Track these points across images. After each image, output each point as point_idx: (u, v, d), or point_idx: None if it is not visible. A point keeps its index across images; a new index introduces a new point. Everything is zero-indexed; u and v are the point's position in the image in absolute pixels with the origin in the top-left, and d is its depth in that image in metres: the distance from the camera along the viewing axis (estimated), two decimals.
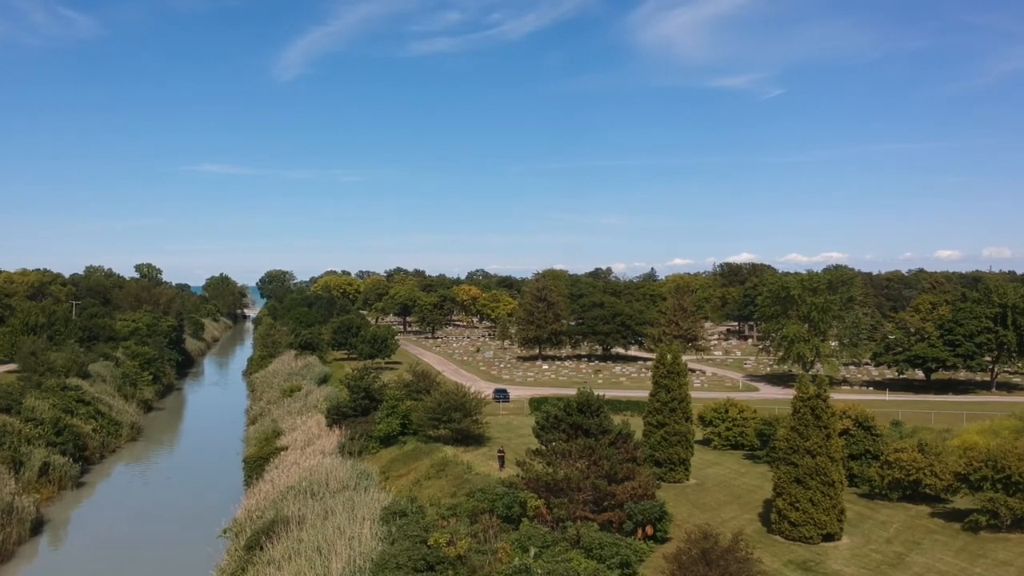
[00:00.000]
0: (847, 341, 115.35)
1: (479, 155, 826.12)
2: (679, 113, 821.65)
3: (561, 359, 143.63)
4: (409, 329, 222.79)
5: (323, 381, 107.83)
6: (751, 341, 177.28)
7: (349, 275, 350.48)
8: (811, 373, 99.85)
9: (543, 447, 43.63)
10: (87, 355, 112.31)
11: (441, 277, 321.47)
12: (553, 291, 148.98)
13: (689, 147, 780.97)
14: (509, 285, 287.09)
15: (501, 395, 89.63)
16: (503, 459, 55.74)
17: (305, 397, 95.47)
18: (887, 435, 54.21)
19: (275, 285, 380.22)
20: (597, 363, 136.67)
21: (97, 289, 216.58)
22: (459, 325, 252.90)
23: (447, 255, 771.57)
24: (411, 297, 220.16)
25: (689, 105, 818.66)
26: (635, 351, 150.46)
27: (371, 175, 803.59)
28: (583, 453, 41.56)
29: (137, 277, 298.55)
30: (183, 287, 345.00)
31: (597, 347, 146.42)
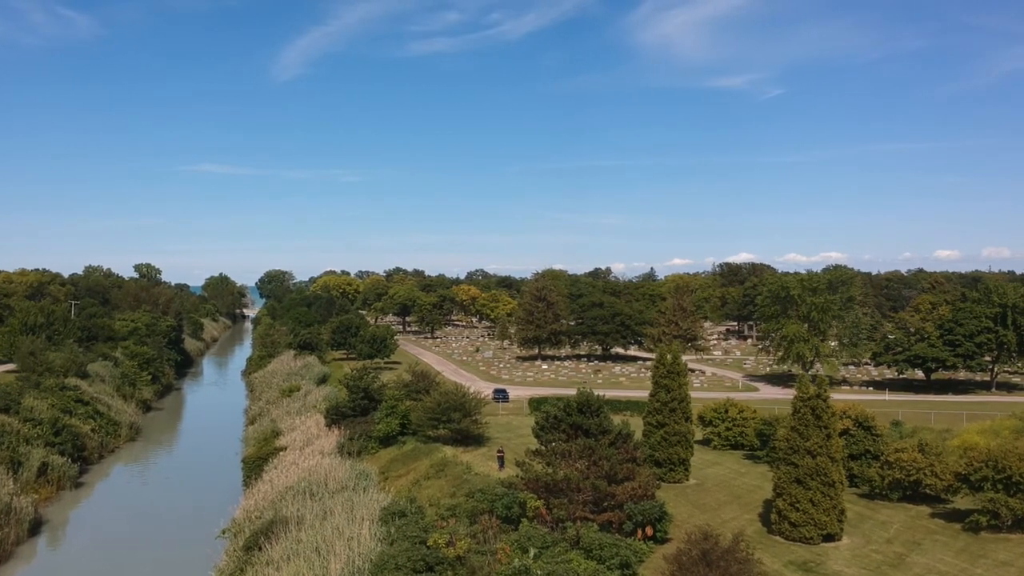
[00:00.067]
0: (847, 341, 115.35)
1: (479, 155, 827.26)
2: (678, 113, 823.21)
3: (560, 359, 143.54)
4: (408, 329, 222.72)
5: (322, 381, 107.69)
6: (751, 341, 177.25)
7: (348, 275, 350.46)
8: (811, 373, 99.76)
9: (543, 447, 43.52)
10: (86, 355, 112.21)
11: (440, 277, 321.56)
12: (553, 291, 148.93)
13: (688, 147, 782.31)
14: (508, 285, 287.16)
15: (500, 395, 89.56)
16: (503, 459, 55.59)
17: (304, 397, 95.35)
18: (887, 435, 54.12)
19: (274, 285, 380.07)
20: (597, 363, 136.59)
21: (96, 289, 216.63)
22: (458, 325, 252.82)
23: (446, 255, 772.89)
24: (410, 297, 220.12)
25: (688, 105, 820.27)
26: (635, 351, 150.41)
27: (370, 175, 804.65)
28: (583, 453, 41.44)
29: (136, 277, 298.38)
30: (182, 287, 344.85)
31: (597, 347, 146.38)
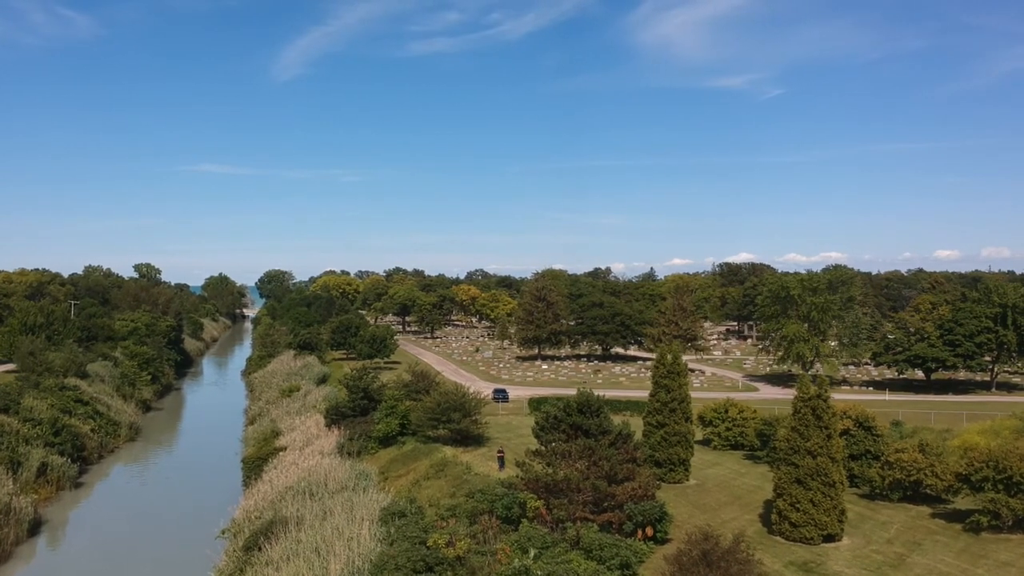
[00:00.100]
0: (847, 341, 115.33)
1: (478, 155, 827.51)
2: (678, 113, 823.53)
3: (560, 359, 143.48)
4: (408, 329, 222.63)
5: (322, 381, 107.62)
6: (751, 341, 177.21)
7: (348, 275, 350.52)
8: (811, 373, 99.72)
9: (543, 448, 43.45)
10: (85, 355, 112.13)
11: (440, 277, 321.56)
12: (552, 291, 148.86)
13: (688, 147, 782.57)
14: (508, 285, 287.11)
15: (500, 395, 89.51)
16: (503, 459, 55.51)
17: (304, 397, 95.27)
18: (887, 435, 54.03)
19: (274, 285, 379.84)
20: (596, 363, 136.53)
21: (96, 289, 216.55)
22: (458, 325, 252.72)
23: (446, 255, 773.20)
24: (410, 297, 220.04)
25: (688, 105, 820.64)
26: (635, 351, 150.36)
27: (370, 175, 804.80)
28: (583, 454, 41.38)
29: (136, 277, 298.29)
30: (182, 287, 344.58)
31: (596, 347, 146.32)
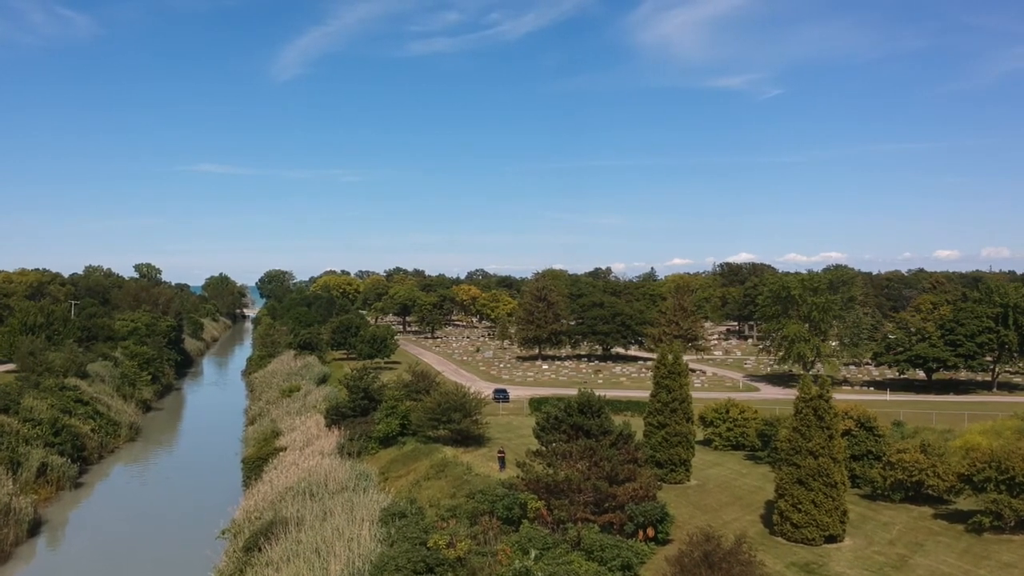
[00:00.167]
0: (848, 341, 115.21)
1: (478, 155, 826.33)
2: (678, 113, 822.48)
3: (561, 359, 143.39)
4: (409, 329, 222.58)
5: (322, 381, 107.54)
6: (751, 341, 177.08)
7: (348, 275, 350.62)
8: (812, 373, 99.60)
9: (543, 448, 43.34)
10: (86, 355, 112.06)
11: (440, 277, 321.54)
12: (553, 291, 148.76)
13: (688, 147, 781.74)
14: (509, 285, 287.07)
15: (501, 395, 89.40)
16: (503, 460, 55.41)
17: (304, 397, 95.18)
18: (889, 436, 53.94)
19: (274, 285, 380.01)
20: (597, 363, 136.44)
21: (96, 289, 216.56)
22: (459, 325, 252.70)
23: (447, 255, 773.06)
24: (410, 297, 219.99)
25: (688, 105, 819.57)
26: (635, 351, 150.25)
27: (370, 175, 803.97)
28: (584, 454, 41.26)
29: (136, 277, 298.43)
30: (182, 287, 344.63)
31: (597, 347, 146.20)
